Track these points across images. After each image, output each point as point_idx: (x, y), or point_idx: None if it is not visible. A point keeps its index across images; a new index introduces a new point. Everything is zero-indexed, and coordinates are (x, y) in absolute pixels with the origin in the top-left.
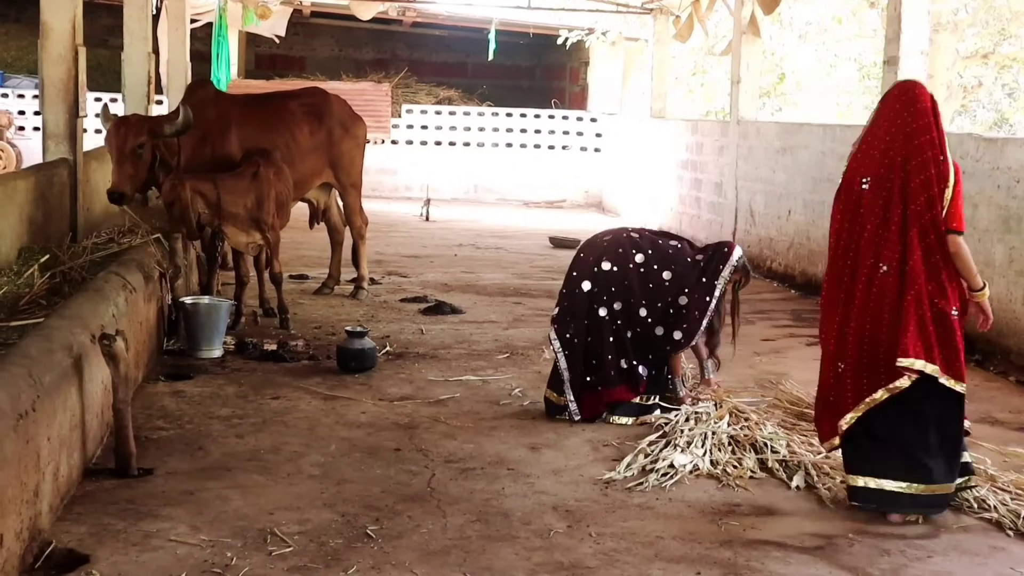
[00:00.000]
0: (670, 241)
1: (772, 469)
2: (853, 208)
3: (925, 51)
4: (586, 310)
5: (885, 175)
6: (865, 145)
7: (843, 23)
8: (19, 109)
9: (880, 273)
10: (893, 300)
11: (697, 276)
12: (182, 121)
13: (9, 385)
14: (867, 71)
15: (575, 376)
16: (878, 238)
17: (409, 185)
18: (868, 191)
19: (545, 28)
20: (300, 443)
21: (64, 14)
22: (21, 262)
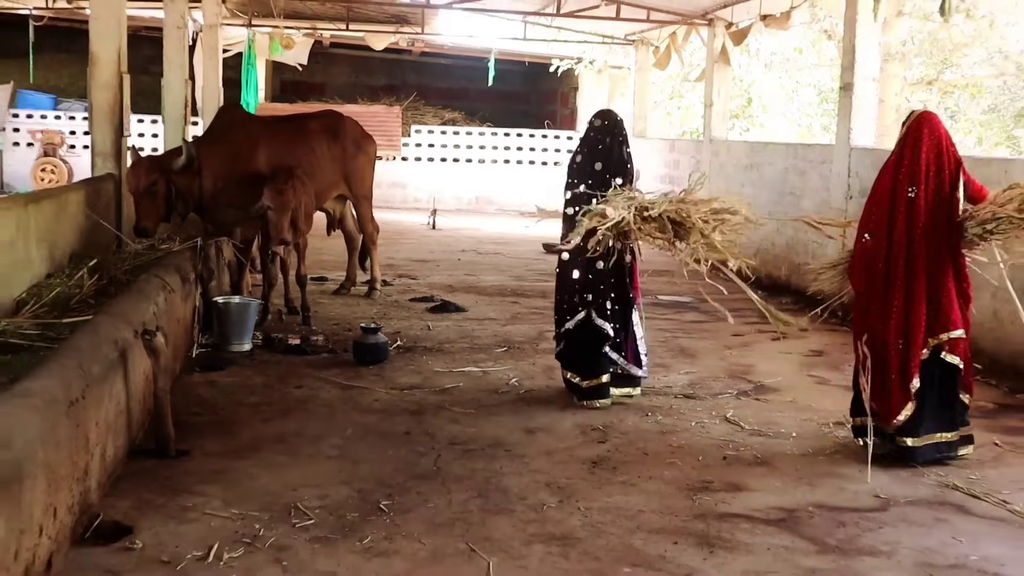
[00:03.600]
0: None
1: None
2: (904, 212)
3: (876, 78)
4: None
5: (924, 185)
6: (908, 161)
7: (803, 53)
8: (71, 129)
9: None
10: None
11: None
12: (185, 157)
13: (62, 375)
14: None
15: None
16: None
17: (418, 197)
18: (915, 198)
19: (539, 57)
20: (320, 427)
21: (111, 45)
22: (72, 266)
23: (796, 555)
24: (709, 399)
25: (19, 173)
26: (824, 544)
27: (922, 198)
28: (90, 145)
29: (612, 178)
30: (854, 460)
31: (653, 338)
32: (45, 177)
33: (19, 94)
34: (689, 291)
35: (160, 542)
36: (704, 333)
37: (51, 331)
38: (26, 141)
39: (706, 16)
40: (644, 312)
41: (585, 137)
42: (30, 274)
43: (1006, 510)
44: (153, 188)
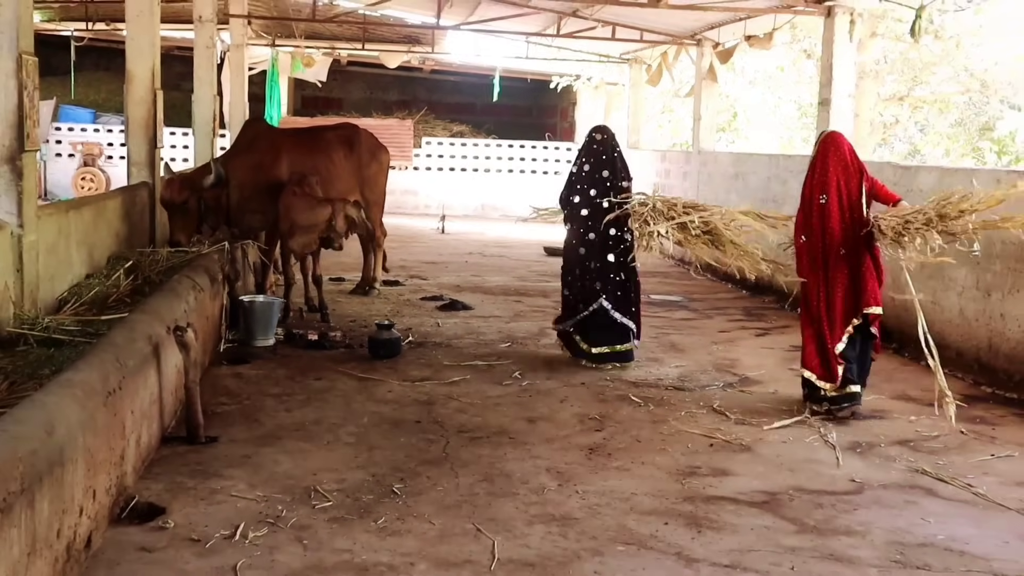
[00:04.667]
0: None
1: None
2: (818, 215)
3: (852, 94)
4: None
5: (835, 193)
6: (819, 174)
7: (785, 71)
8: (108, 142)
9: (842, 254)
10: (856, 270)
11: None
12: (214, 176)
13: (100, 368)
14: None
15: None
16: (841, 232)
17: (428, 204)
18: (826, 204)
19: (540, 75)
20: (338, 416)
21: (145, 63)
22: (110, 267)
23: (777, 534)
24: (697, 391)
25: (61, 182)
26: (803, 524)
27: (834, 203)
28: (126, 156)
29: (619, 183)
30: (830, 447)
31: (645, 334)
32: (85, 185)
33: (61, 109)
34: (679, 290)
35: (190, 522)
36: (693, 330)
37: (90, 327)
38: (67, 152)
39: (695, 37)
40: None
41: (588, 149)
42: (71, 275)
43: (971, 493)
44: (186, 205)
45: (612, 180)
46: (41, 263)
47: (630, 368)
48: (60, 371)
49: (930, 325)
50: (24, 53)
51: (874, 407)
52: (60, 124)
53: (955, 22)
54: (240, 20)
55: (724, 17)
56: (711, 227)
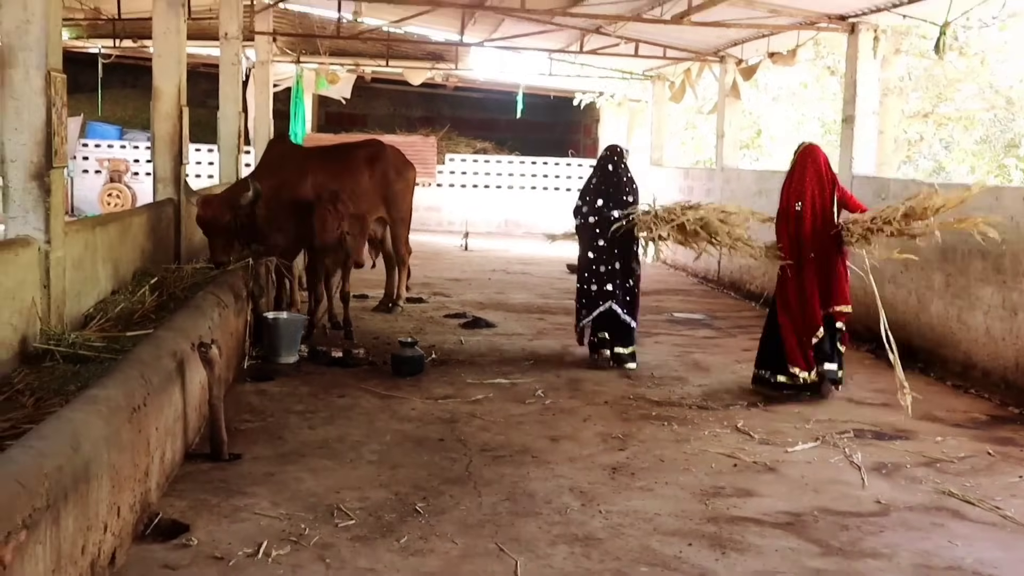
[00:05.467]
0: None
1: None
2: (794, 221)
3: (876, 111)
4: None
5: (809, 201)
6: (795, 183)
7: (808, 88)
8: (134, 158)
9: (812, 257)
10: (826, 272)
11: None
12: (252, 194)
13: (125, 385)
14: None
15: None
16: (813, 237)
17: (451, 220)
18: (801, 211)
19: (563, 91)
20: (361, 434)
21: (172, 80)
22: (135, 283)
23: (802, 556)
24: (721, 410)
25: (88, 198)
26: (828, 546)
27: (808, 210)
28: (152, 172)
29: (625, 197)
30: (856, 468)
31: (668, 352)
32: (111, 201)
33: (88, 125)
34: (702, 309)
35: (214, 539)
36: (716, 348)
37: (116, 343)
38: (94, 168)
39: (718, 53)
40: (660, 329)
41: (599, 165)
42: (97, 290)
43: (999, 515)
44: (228, 225)
45: (617, 194)
46: (68, 279)
47: (653, 387)
48: (86, 387)
49: (956, 344)
50: (52, 70)
51: (899, 427)
52: (87, 140)
53: (980, 39)
54: (265, 37)
55: (747, 34)
56: (705, 222)
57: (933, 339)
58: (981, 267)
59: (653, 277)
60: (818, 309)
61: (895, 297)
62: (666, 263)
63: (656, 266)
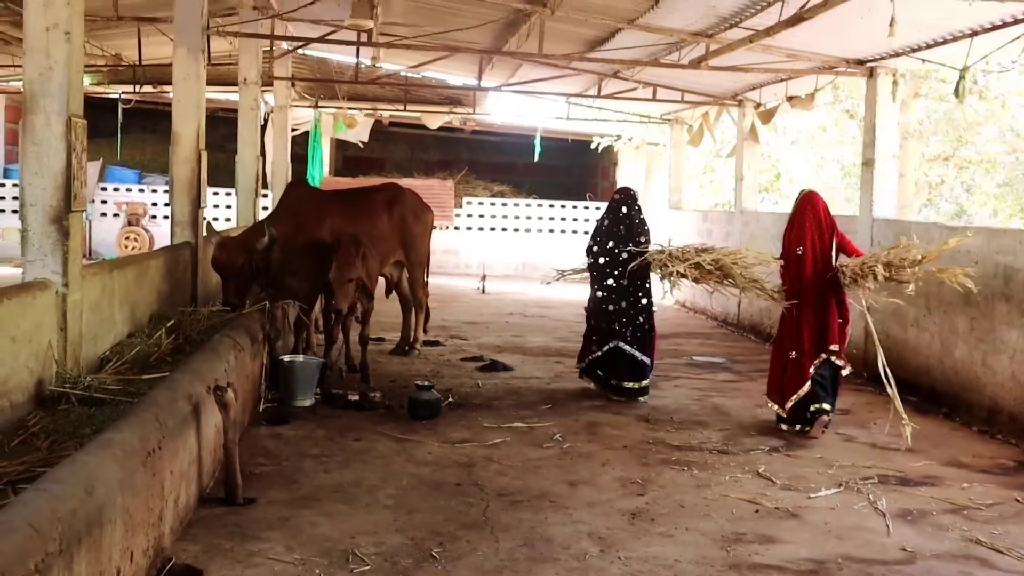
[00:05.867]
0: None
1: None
2: (796, 265)
3: (896, 154)
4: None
5: (810, 245)
6: (796, 229)
7: (827, 131)
8: (152, 201)
9: (811, 298)
10: (823, 314)
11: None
12: (268, 239)
13: (140, 428)
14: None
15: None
16: (813, 279)
17: (469, 263)
18: (803, 255)
19: (581, 135)
20: (377, 478)
21: (191, 125)
22: (152, 326)
23: None
24: (742, 454)
25: (106, 241)
26: None
27: (809, 255)
28: (170, 215)
29: (636, 238)
30: (880, 514)
31: (688, 396)
32: (129, 244)
33: (107, 169)
34: (722, 352)
35: None
36: (736, 392)
37: (132, 386)
38: (112, 212)
39: (736, 97)
40: (680, 372)
41: (611, 207)
42: (113, 333)
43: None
44: (243, 268)
45: (628, 235)
46: (84, 322)
47: (673, 431)
48: (101, 430)
49: (982, 388)
50: (74, 116)
51: (925, 473)
52: (106, 184)
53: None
54: (284, 82)
55: (766, 78)
56: (721, 263)
57: (958, 383)
58: (1006, 310)
59: (672, 320)
60: (814, 348)
61: (918, 341)
62: (684, 306)
63: (674, 309)
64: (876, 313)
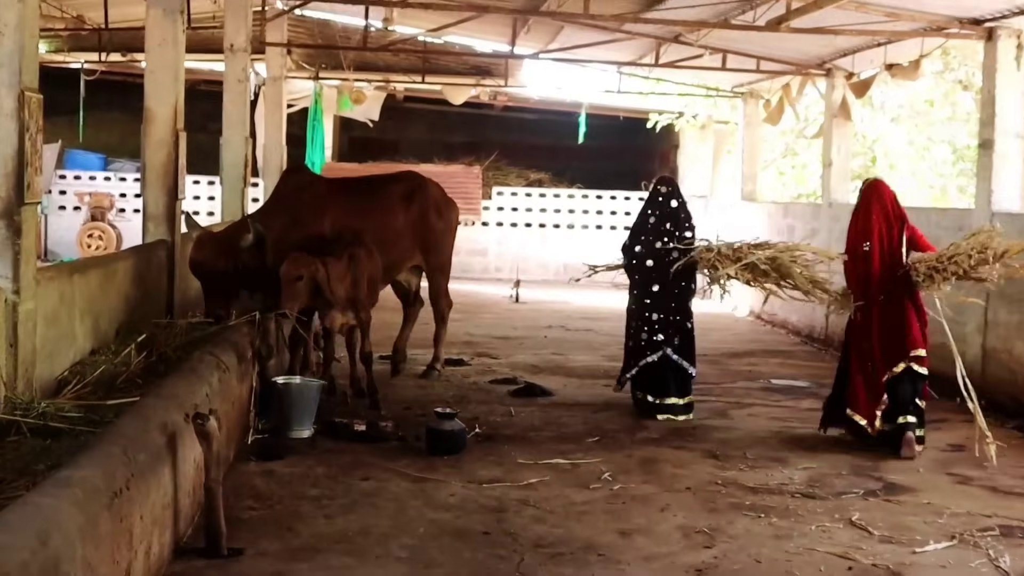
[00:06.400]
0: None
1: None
2: (863, 262)
3: (1021, 134)
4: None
5: (877, 240)
6: (862, 222)
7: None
8: (120, 192)
9: (881, 299)
10: (896, 317)
11: None
12: (254, 237)
13: (105, 464)
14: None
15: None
16: (882, 278)
17: (499, 266)
18: (869, 251)
19: (635, 112)
20: (389, 525)
21: (167, 101)
22: (119, 341)
23: None
24: (831, 499)
25: (64, 239)
26: None
27: (876, 250)
28: (141, 209)
29: (682, 234)
30: (1003, 574)
31: (765, 427)
32: (92, 244)
33: (67, 154)
34: (806, 374)
35: None
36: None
37: (95, 413)
38: (73, 204)
39: (823, 65)
40: (754, 398)
41: (653, 201)
42: (73, 350)
43: None
44: (226, 271)
45: (676, 231)
46: (39, 336)
47: (747, 470)
48: (58, 467)
49: None
50: (27, 90)
51: None
52: (65, 172)
53: None
54: (278, 49)
55: (859, 42)
56: (778, 263)
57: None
58: None
59: (744, 336)
60: (889, 355)
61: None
62: (760, 318)
63: (748, 321)
64: (998, 328)
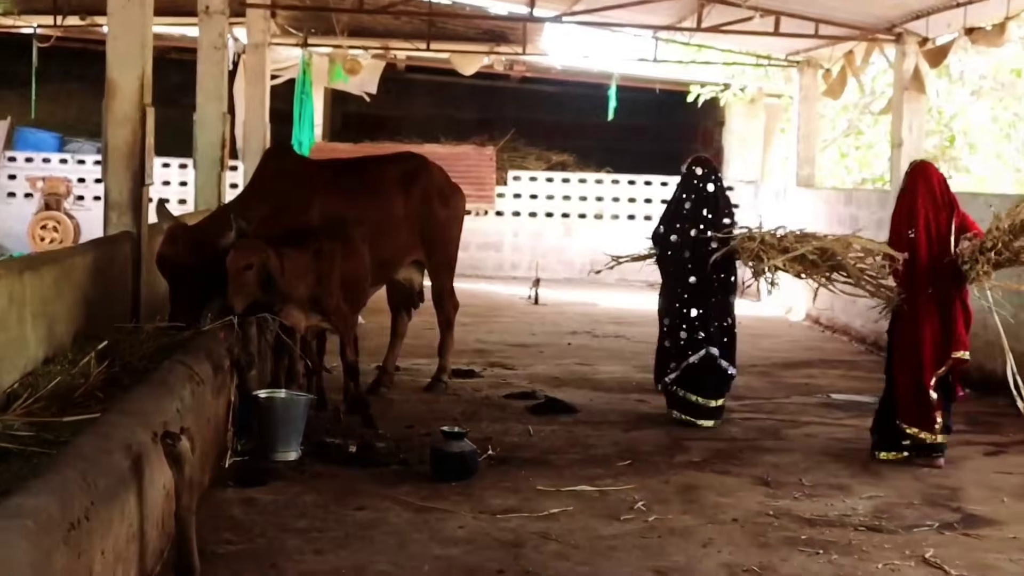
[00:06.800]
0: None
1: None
2: (908, 251)
3: None
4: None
5: (923, 226)
6: (907, 207)
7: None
8: (79, 177)
9: (929, 292)
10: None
11: None
12: (236, 233)
13: (61, 490)
14: None
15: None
16: (929, 269)
17: (515, 263)
18: (915, 238)
19: (673, 84)
20: (388, 562)
21: (132, 71)
22: (76, 349)
23: None
24: (901, 533)
25: (14, 231)
26: None
27: (923, 237)
28: (103, 196)
29: (720, 220)
30: None
31: (824, 449)
32: (46, 236)
33: (17, 132)
34: (872, 388)
35: None
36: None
37: (48, 432)
38: (24, 191)
39: (893, 30)
40: (812, 415)
41: (687, 184)
42: (24, 359)
43: None
44: (196, 270)
45: (716, 218)
46: None
47: (803, 499)
48: (6, 494)
49: None
50: None
51: None
52: (15, 153)
53: None
54: (260, 11)
55: (935, 3)
56: (829, 254)
57: None
58: None
59: (800, 343)
60: (936, 356)
61: None
62: (818, 322)
63: (804, 327)
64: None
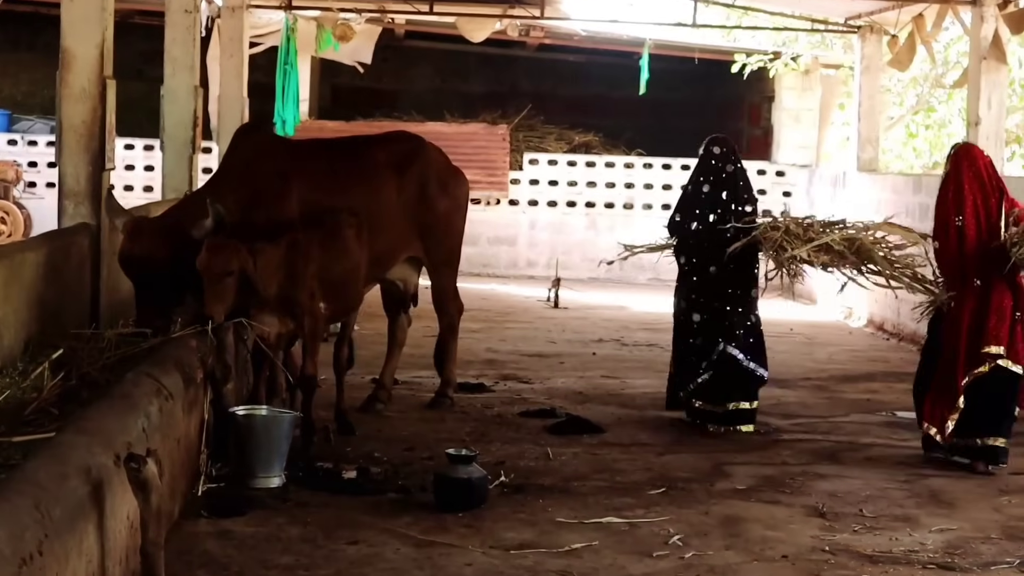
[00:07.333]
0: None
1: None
2: (955, 239)
3: None
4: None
5: (971, 213)
6: (953, 193)
7: None
8: (29, 160)
9: (976, 284)
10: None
11: None
12: (213, 222)
13: (11, 521)
14: None
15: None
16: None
17: (532, 260)
18: (963, 226)
19: (715, 52)
20: None
21: (90, 39)
22: (28, 358)
23: None
24: (976, 571)
25: None
26: None
27: (971, 226)
28: (57, 182)
29: (741, 207)
30: None
31: (887, 476)
32: None
33: None
34: None
35: None
36: (967, 471)
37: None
38: None
39: None
40: (873, 436)
41: (705, 165)
42: None
43: None
44: (166, 268)
45: (732, 203)
46: None
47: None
48: None
49: None
50: None
51: None
52: None
53: None
54: None
55: None
56: (858, 245)
57: None
58: None
59: (861, 353)
60: (966, 354)
61: None
62: (882, 328)
63: (865, 333)
64: None
